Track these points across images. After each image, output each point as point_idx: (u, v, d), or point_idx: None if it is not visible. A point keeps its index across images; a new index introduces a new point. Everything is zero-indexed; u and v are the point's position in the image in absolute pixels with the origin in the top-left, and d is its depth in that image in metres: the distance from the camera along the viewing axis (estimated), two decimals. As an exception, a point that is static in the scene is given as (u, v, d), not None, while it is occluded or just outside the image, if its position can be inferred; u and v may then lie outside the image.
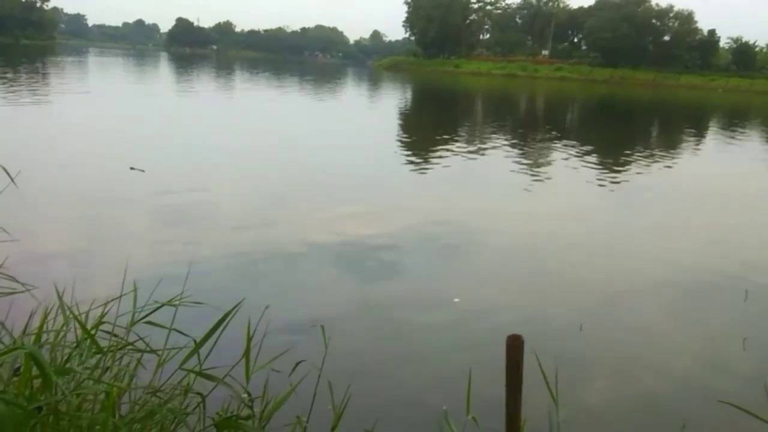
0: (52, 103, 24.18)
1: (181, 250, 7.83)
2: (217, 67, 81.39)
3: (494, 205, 11.97)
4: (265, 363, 3.02)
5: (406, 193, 12.47)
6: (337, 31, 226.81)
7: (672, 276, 8.26)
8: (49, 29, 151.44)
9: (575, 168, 16.77)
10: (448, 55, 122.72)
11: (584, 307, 6.93)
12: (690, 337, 6.43)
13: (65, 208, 9.78)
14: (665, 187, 15.20)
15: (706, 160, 21.66)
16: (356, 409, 3.53)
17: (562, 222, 10.91)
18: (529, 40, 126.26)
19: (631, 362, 5.77)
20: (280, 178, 12.93)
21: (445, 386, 4.94)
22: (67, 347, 2.76)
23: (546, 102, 54.83)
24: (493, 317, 6.51)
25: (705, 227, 11.20)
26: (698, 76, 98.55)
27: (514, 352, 2.72)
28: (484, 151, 18.64)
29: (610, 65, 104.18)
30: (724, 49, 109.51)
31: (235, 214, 9.94)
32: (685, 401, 5.10)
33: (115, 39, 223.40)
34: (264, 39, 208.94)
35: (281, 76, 64.78)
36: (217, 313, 2.90)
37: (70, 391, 2.29)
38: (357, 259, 8.08)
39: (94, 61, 73.15)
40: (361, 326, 6.09)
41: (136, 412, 2.66)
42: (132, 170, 11.99)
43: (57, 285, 2.98)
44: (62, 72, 47.51)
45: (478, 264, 8.36)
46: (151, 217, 9.50)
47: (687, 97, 70.91)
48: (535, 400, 3.17)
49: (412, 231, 9.59)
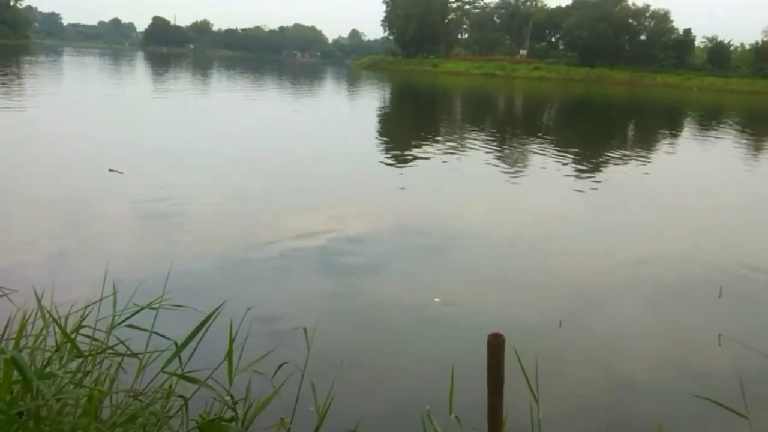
0: (25, 105, 23.84)
1: (161, 252, 7.78)
2: (194, 67, 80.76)
3: (473, 205, 12.02)
4: (248, 365, 3.02)
5: (386, 194, 12.48)
6: (315, 30, 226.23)
7: (648, 273, 8.36)
8: (24, 28, 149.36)
9: (553, 167, 16.89)
10: (427, 55, 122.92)
11: (563, 305, 6.99)
12: (666, 334, 6.51)
13: (43, 210, 9.66)
14: (641, 186, 15.37)
15: (681, 158, 21.93)
16: (339, 409, 3.54)
17: (540, 221, 10.99)
18: (507, 40, 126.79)
19: (609, 359, 5.84)
20: (259, 180, 12.87)
21: (427, 386, 4.96)
22: (47, 351, 2.74)
23: (524, 101, 55.15)
24: (474, 316, 6.54)
25: (680, 225, 11.35)
26: (674, 75, 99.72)
27: (495, 350, 2.75)
28: (463, 152, 18.71)
29: (588, 64, 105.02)
30: (699, 48, 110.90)
31: (215, 216, 9.89)
32: (662, 396, 5.17)
33: (91, 38, 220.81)
34: (242, 38, 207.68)
35: (259, 77, 64.48)
36: (198, 315, 2.89)
37: (51, 396, 2.28)
38: (337, 261, 8.08)
39: (69, 61, 72.26)
40: (343, 327, 6.09)
41: (118, 416, 2.65)
42: (111, 172, 11.88)
43: (36, 289, 2.95)
44: (35, 72, 46.87)
45: (457, 264, 8.39)
46: (131, 219, 9.42)
47: (663, 96, 71.71)
48: (516, 398, 3.20)
49: (393, 232, 9.62)
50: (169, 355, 2.84)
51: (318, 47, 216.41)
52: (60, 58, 76.92)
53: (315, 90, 50.85)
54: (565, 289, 7.55)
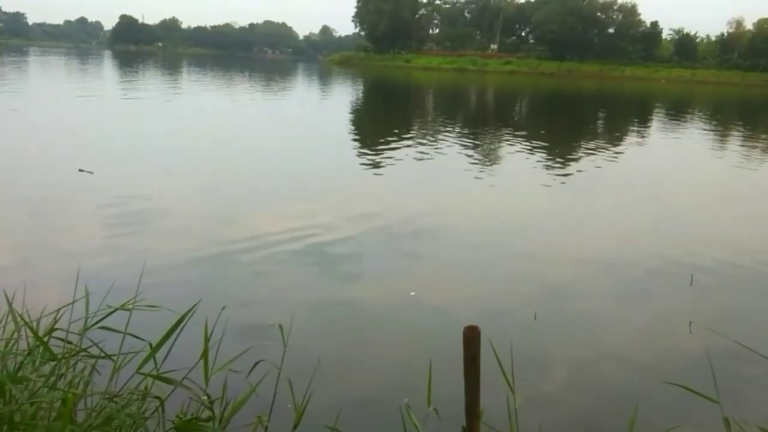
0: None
1: (134, 252, 7.70)
2: (163, 65, 79.87)
3: (446, 199, 12.08)
4: (224, 364, 3.01)
5: (359, 190, 12.49)
6: (286, 26, 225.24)
7: (620, 263, 8.47)
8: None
9: (525, 160, 17.02)
10: (399, 50, 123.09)
11: (537, 297, 7.06)
12: (639, 322, 6.61)
13: (12, 211, 9.51)
14: (612, 177, 15.56)
15: (651, 149, 22.22)
16: (317, 405, 3.54)
17: (513, 214, 11.08)
18: (478, 35, 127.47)
19: (583, 348, 5.92)
20: (231, 179, 12.79)
21: (405, 379, 4.98)
22: (19, 355, 2.71)
23: (496, 96, 55.47)
24: (450, 310, 6.58)
25: (650, 215, 11.51)
26: (642, 68, 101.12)
27: (471, 343, 2.77)
28: (436, 146, 18.76)
29: (557, 58, 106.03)
30: (666, 40, 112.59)
31: (186, 215, 9.81)
32: (636, 384, 5.25)
33: (57, 38, 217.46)
34: (211, 35, 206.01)
35: (229, 74, 63.97)
36: (172, 316, 2.87)
37: (25, 400, 2.25)
38: (312, 257, 8.06)
39: (36, 61, 71.02)
40: (319, 323, 6.09)
41: (93, 418, 2.63)
42: (81, 172, 11.73)
43: (6, 291, 2.91)
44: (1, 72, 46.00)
45: (432, 258, 8.43)
46: (102, 219, 9.30)
47: (632, 89, 72.61)
48: (493, 389, 3.23)
49: (367, 227, 9.61)
50: (144, 356, 2.82)
51: (289, 44, 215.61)
52: (25, 59, 75.54)
53: (286, 87, 50.59)
54: (540, 282, 7.62)
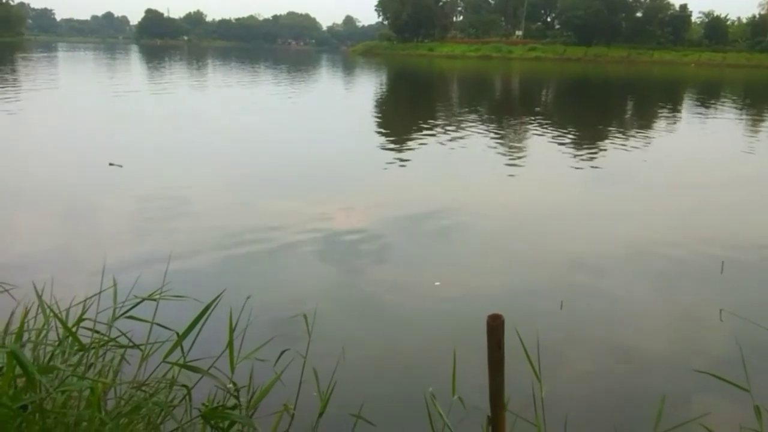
0: (24, 102, 23.78)
1: (161, 244, 7.78)
2: (189, 59, 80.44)
3: (471, 187, 12.01)
4: (249, 353, 3.03)
5: (383, 179, 12.47)
6: (309, 17, 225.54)
7: (649, 250, 8.36)
8: (17, 25, 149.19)
9: (552, 148, 16.86)
10: (422, 39, 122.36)
11: (564, 285, 7.00)
12: (668, 310, 6.53)
13: (43, 204, 9.67)
14: (641, 164, 15.33)
15: (680, 135, 21.88)
16: (342, 394, 3.56)
17: (539, 202, 10.99)
18: (502, 21, 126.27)
19: (611, 336, 5.86)
20: (255, 169, 12.86)
21: (429, 368, 4.98)
22: (49, 345, 2.76)
23: (521, 83, 54.98)
24: (475, 299, 6.56)
25: (680, 202, 11.34)
26: (671, 52, 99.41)
27: (495, 331, 2.75)
28: (461, 134, 18.66)
29: (584, 43, 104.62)
30: (696, 23, 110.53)
31: (213, 207, 9.89)
32: (664, 372, 5.19)
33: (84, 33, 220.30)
34: (236, 28, 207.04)
35: (255, 67, 64.26)
36: (198, 305, 2.90)
37: (54, 389, 2.29)
38: (336, 246, 8.08)
39: (66, 57, 71.99)
40: (344, 313, 6.11)
41: (122, 407, 2.67)
42: (111, 166, 11.90)
43: (36, 284, 2.96)
44: (32, 69, 46.72)
45: (457, 247, 8.40)
46: (130, 211, 9.42)
47: (661, 73, 71.45)
48: (519, 378, 3.21)
49: (391, 216, 9.61)
50: (171, 345, 2.85)
51: (312, 35, 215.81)
52: (55, 54, 76.60)
53: (309, 78, 50.66)
54: (567, 270, 7.55)
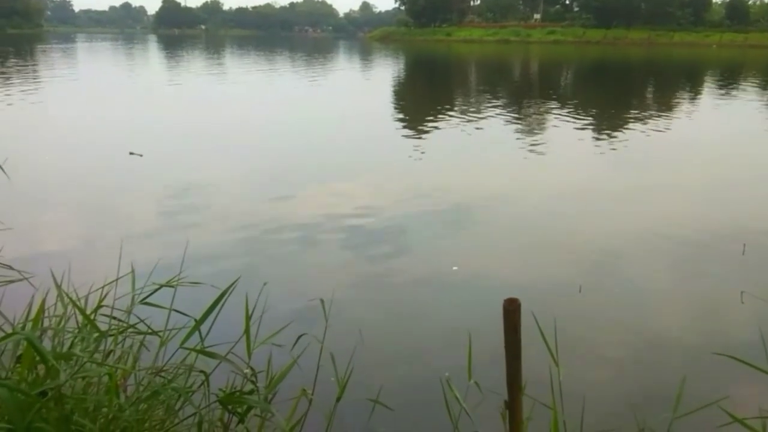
0: (44, 92, 24.01)
1: (179, 232, 7.84)
2: (207, 48, 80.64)
3: (490, 172, 11.96)
4: (266, 338, 3.04)
5: (402, 164, 12.44)
6: (326, 4, 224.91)
7: (670, 233, 8.28)
8: (36, 17, 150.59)
9: (571, 132, 16.72)
10: (440, 24, 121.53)
11: (583, 269, 6.96)
12: (688, 292, 6.47)
13: (62, 192, 9.78)
14: (661, 147, 15.15)
15: (701, 118, 21.57)
16: (360, 379, 3.56)
17: (558, 185, 10.91)
18: (520, 5, 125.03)
19: (630, 320, 5.81)
20: (273, 157, 12.90)
21: (447, 353, 4.98)
22: (68, 333, 2.78)
23: (540, 66, 54.47)
24: (493, 283, 6.54)
25: (700, 185, 11.21)
26: (692, 33, 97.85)
27: (511, 315, 2.73)
28: (480, 119, 18.56)
29: (603, 26, 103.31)
30: (716, 4, 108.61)
31: (230, 194, 9.94)
32: (683, 355, 5.15)
33: (103, 23, 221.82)
34: (253, 16, 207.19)
35: (272, 55, 64.29)
36: (216, 292, 2.91)
37: (73, 375, 2.31)
38: (353, 232, 8.09)
39: (86, 48, 72.49)
40: (361, 298, 6.13)
41: (140, 392, 2.69)
42: (131, 155, 12.00)
43: (54, 271, 2.99)
44: (51, 60, 47.12)
45: (475, 231, 8.38)
46: (149, 200, 9.49)
47: (681, 55, 70.44)
48: (536, 363, 3.20)
49: (409, 201, 9.60)
50: (188, 331, 2.87)
51: (329, 21, 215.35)
52: (74, 45, 77.16)
53: (327, 65, 50.58)
54: (585, 253, 7.50)
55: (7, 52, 52.48)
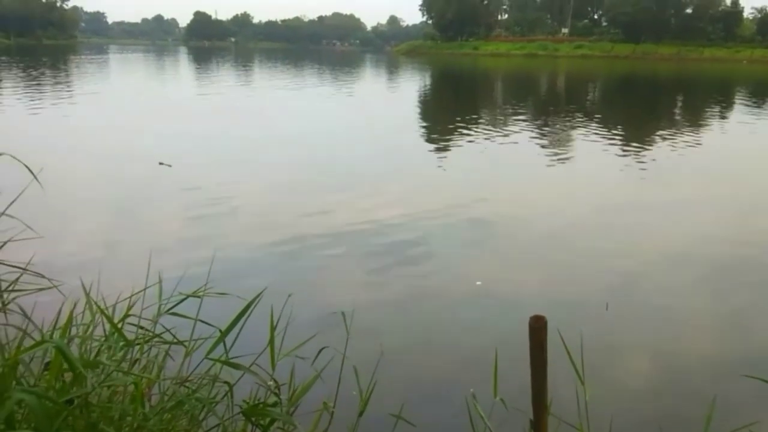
0: (77, 101, 24.44)
1: (206, 242, 7.89)
2: (236, 60, 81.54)
3: (517, 186, 11.90)
4: (290, 350, 3.04)
5: (425, 178, 12.43)
6: (354, 18, 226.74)
7: (699, 251, 8.16)
8: (70, 28, 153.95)
9: (599, 147, 16.58)
10: (467, 38, 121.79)
11: (609, 286, 6.88)
12: (717, 313, 6.35)
13: (92, 201, 9.92)
14: (691, 165, 14.95)
15: (732, 135, 21.26)
16: (382, 393, 3.55)
17: (586, 201, 10.82)
18: (548, 19, 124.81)
19: (657, 339, 5.72)
20: (299, 169, 12.93)
21: (471, 369, 4.94)
22: (95, 341, 2.81)
23: (567, 81, 54.23)
24: (517, 299, 6.49)
25: (733, 203, 11.03)
26: (722, 49, 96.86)
27: (538, 333, 2.71)
28: (506, 133, 18.50)
29: (632, 41, 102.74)
30: (748, 19, 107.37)
31: (257, 206, 10.01)
32: (712, 377, 5.05)
33: (135, 35, 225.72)
34: (282, 29, 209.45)
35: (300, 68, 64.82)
36: (241, 302, 2.92)
37: (99, 384, 2.33)
38: (379, 244, 8.09)
39: (119, 59, 73.77)
40: (385, 310, 6.10)
41: (165, 402, 2.70)
42: (161, 165, 12.16)
43: (83, 280, 3.02)
44: (84, 70, 48.00)
45: (500, 246, 8.33)
46: (177, 210, 9.59)
47: (712, 71, 69.67)
48: (562, 381, 3.16)
49: (434, 214, 9.57)
50: (214, 342, 2.88)
51: (357, 35, 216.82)
52: (106, 56, 78.54)
53: (354, 79, 50.84)
54: (612, 271, 7.41)
55: (42, 62, 53.59)
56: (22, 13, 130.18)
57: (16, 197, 2.77)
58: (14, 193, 3.17)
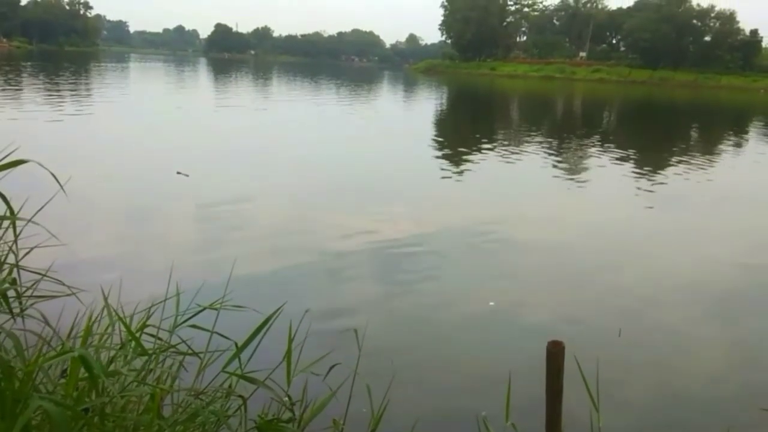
0: (96, 110, 24.69)
1: (224, 254, 7.91)
2: (256, 72, 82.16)
3: (529, 208, 11.87)
4: (305, 366, 3.05)
5: (440, 197, 12.43)
6: (373, 35, 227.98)
7: (711, 280, 8.10)
8: (92, 36, 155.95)
9: (613, 172, 16.54)
10: (485, 58, 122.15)
11: (622, 312, 6.83)
12: (731, 342, 6.29)
13: (111, 211, 9.98)
14: (704, 193, 14.86)
15: (747, 164, 21.16)
16: (393, 412, 3.54)
17: (599, 226, 10.78)
18: (566, 42, 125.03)
19: (671, 367, 5.67)
20: (317, 184, 12.97)
21: (483, 391, 4.91)
22: (112, 349, 2.82)
23: (583, 104, 54.19)
24: (530, 321, 6.45)
25: (744, 232, 10.94)
26: (740, 77, 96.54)
27: (555, 358, 2.70)
28: (520, 155, 18.49)
29: (650, 66, 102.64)
30: (766, 49, 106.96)
31: (275, 219, 10.04)
32: (726, 408, 4.99)
33: (156, 45, 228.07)
34: (301, 43, 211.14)
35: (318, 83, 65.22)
36: (257, 316, 2.93)
37: (116, 393, 2.35)
38: (393, 263, 8.08)
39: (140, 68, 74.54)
40: (398, 329, 6.09)
41: (179, 413, 2.71)
42: (178, 175, 12.23)
43: (103, 288, 3.04)
44: (105, 79, 48.53)
45: (513, 268, 8.30)
46: (195, 221, 9.64)
47: (729, 99, 69.43)
48: (574, 406, 3.14)
49: (448, 234, 9.57)
50: (230, 355, 2.89)
51: (376, 52, 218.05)
52: (127, 65, 79.39)
53: (372, 95, 51.06)
54: (626, 297, 7.36)
55: (64, 68, 54.22)
56: (46, 19, 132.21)
57: (44, 205, 2.78)
58: (35, 200, 3.18)
